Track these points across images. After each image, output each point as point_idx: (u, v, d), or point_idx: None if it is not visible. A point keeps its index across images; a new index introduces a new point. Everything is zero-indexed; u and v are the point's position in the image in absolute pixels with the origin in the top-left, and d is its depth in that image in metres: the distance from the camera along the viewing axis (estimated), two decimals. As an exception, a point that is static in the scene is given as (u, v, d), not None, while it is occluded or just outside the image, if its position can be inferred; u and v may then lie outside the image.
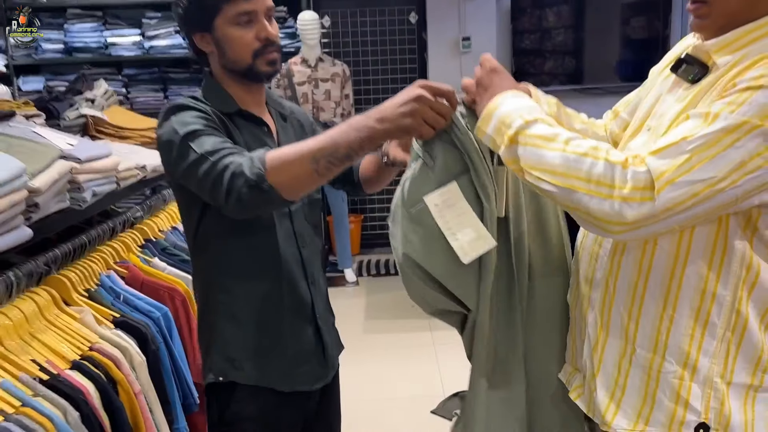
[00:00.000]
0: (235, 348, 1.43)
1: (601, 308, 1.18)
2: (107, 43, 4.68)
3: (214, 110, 1.36)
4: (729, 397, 1.10)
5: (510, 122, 1.08)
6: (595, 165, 1.00)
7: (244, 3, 1.33)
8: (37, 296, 1.46)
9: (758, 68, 0.99)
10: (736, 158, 0.96)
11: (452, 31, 5.19)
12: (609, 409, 1.17)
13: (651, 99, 1.22)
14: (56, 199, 1.56)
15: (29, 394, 1.21)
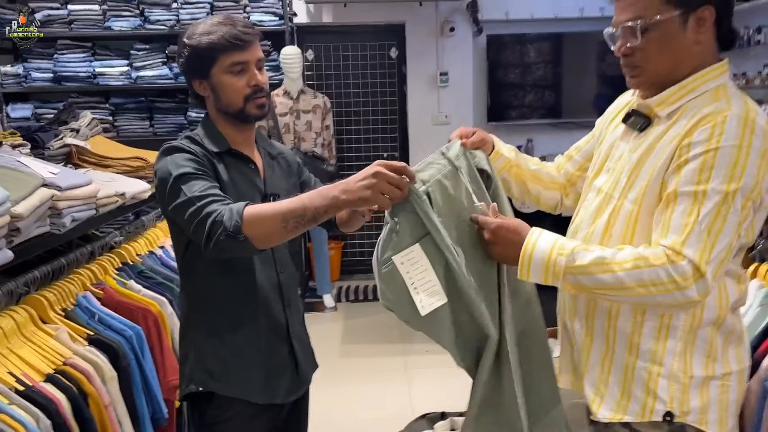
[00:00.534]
0: (213, 361, 1.55)
1: (585, 319, 1.40)
2: (95, 73, 4.80)
3: (204, 152, 1.51)
4: (689, 387, 1.31)
5: (554, 262, 1.26)
6: (644, 273, 1.20)
7: (237, 54, 1.50)
8: (15, 314, 1.57)
9: (703, 131, 1.21)
10: (735, 221, 1.21)
11: (430, 65, 5.39)
12: (594, 401, 1.38)
13: (606, 145, 1.43)
14: (37, 224, 1.67)
15: (5, 402, 1.32)
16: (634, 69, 1.32)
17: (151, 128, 4.91)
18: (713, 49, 1.30)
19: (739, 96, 1.26)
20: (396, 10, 5.23)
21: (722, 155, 1.18)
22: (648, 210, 1.28)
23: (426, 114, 5.44)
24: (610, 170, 1.38)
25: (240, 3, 4.75)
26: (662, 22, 1.25)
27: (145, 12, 4.74)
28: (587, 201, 1.44)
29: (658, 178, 1.26)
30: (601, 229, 1.35)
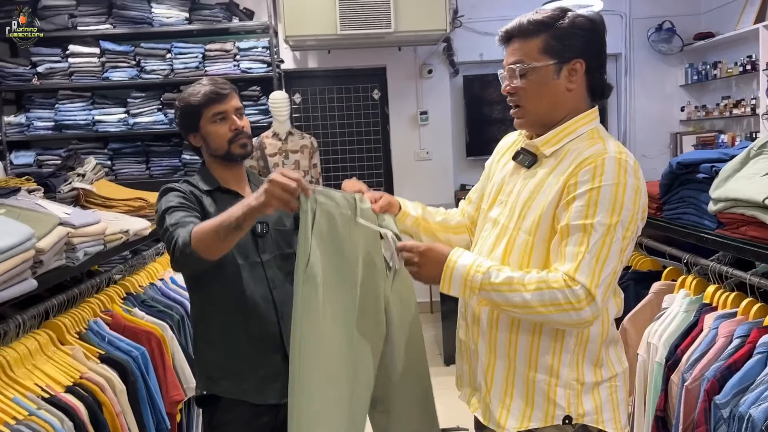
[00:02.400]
0: (212, 367, 1.83)
1: (488, 339, 1.54)
2: (95, 120, 5.05)
3: (194, 190, 1.82)
4: (582, 393, 1.49)
5: (471, 278, 1.43)
6: (545, 294, 1.37)
7: (217, 106, 1.84)
8: (38, 336, 1.81)
9: (586, 172, 1.40)
10: (618, 248, 1.39)
11: (411, 106, 5.71)
12: (502, 415, 1.52)
13: (497, 180, 1.64)
14: (55, 258, 1.92)
15: (34, 407, 1.55)
16: (516, 108, 1.52)
17: (147, 171, 5.16)
18: (585, 97, 1.51)
19: (611, 138, 1.50)
20: (377, 55, 5.57)
21: (604, 193, 1.37)
22: (542, 239, 1.45)
23: (408, 151, 5.74)
24: (504, 203, 1.56)
25: (230, 52, 5.06)
26: (539, 69, 1.46)
27: (141, 63, 5.03)
28: (485, 231, 1.61)
29: (549, 211, 1.44)
30: (499, 258, 1.50)
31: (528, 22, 1.48)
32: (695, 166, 2.06)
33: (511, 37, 1.51)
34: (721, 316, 1.80)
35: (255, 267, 1.85)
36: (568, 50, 1.45)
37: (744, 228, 1.79)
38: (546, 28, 1.46)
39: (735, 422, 1.51)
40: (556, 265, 1.40)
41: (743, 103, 5.21)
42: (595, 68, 1.49)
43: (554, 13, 1.48)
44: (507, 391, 1.52)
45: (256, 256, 1.86)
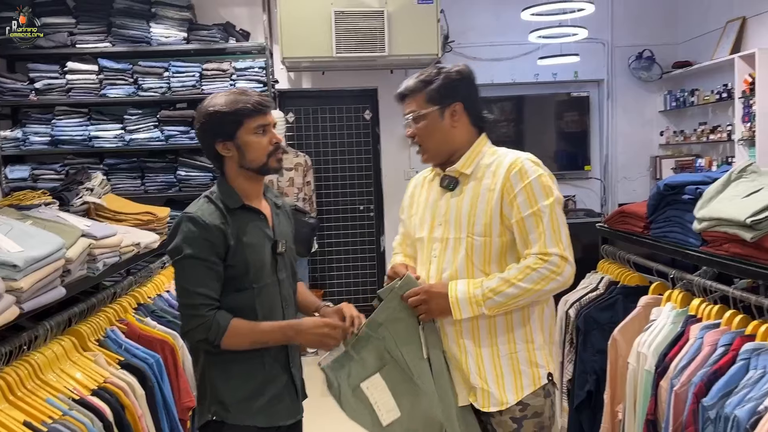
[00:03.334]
0: (226, 394, 1.78)
1: (472, 337, 1.84)
2: (91, 136, 5.11)
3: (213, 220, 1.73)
4: (551, 351, 1.89)
5: (473, 295, 1.76)
6: (533, 276, 1.74)
7: (260, 118, 1.79)
8: (63, 342, 1.90)
9: (515, 174, 1.78)
10: (562, 219, 1.80)
11: (401, 126, 5.84)
12: (501, 393, 1.81)
13: (425, 210, 1.95)
14: (79, 268, 2.01)
15: (66, 407, 1.63)
16: (419, 147, 1.90)
17: (142, 186, 5.22)
18: (471, 129, 1.90)
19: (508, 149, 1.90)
20: (369, 77, 5.73)
21: (534, 185, 1.78)
22: (496, 235, 1.80)
23: (398, 170, 5.89)
24: (444, 222, 1.88)
25: (227, 72, 5.18)
26: (427, 114, 1.84)
27: (139, 80, 5.11)
28: (434, 251, 1.90)
29: (496, 212, 1.80)
30: (463, 262, 1.83)
31: (414, 83, 1.88)
32: (681, 187, 2.21)
33: (405, 96, 1.90)
34: (706, 327, 1.94)
35: (273, 287, 1.84)
36: (445, 98, 1.85)
37: (727, 245, 1.94)
38: (427, 84, 1.86)
39: (721, 422, 1.64)
40: (527, 252, 1.77)
41: (719, 129, 5.44)
42: (470, 107, 1.89)
43: (431, 72, 1.88)
44: (497, 373, 1.83)
45: (275, 276, 1.84)
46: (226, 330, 1.69)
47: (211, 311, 1.70)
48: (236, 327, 1.71)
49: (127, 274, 2.83)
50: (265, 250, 1.84)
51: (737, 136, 5.02)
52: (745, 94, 4.88)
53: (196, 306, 1.70)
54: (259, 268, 1.81)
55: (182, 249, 1.72)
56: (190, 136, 5.12)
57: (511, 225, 1.80)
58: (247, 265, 1.77)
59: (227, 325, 1.70)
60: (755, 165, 2.11)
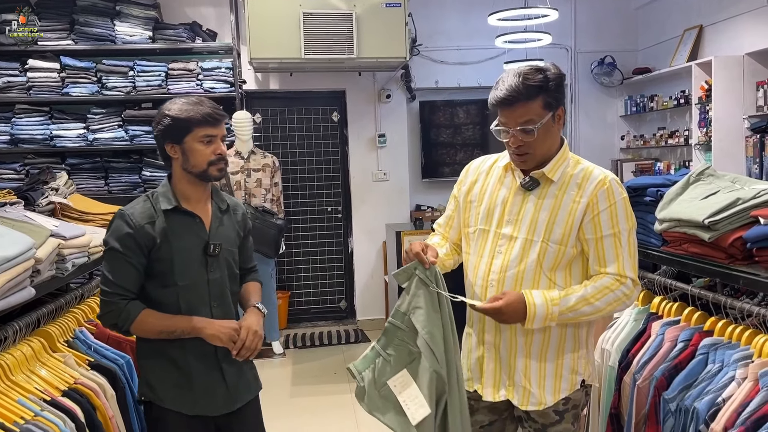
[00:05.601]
0: (152, 378, 1.93)
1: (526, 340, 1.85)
2: (52, 135, 5.02)
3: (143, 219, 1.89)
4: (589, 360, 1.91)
5: (551, 312, 1.75)
6: (609, 297, 1.76)
7: (209, 129, 1.92)
8: (32, 343, 1.87)
9: (602, 193, 1.79)
10: (636, 243, 1.83)
11: (369, 128, 5.90)
12: (540, 396, 1.85)
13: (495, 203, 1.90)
14: (48, 268, 1.99)
15: (38, 408, 1.61)
16: (525, 155, 1.82)
17: (106, 187, 5.14)
18: (560, 134, 1.88)
19: (588, 162, 1.88)
20: (337, 79, 5.75)
21: (618, 207, 1.79)
22: (571, 245, 1.79)
23: (366, 172, 5.92)
24: (514, 221, 1.85)
25: (193, 72, 5.13)
26: (544, 123, 1.77)
27: (103, 79, 5.03)
28: (500, 246, 1.86)
29: (576, 225, 1.79)
30: (532, 265, 1.81)
31: (526, 87, 1.75)
32: (643, 189, 2.29)
33: (514, 101, 1.76)
34: (667, 324, 2.02)
35: (200, 286, 1.94)
36: (557, 102, 1.80)
37: (686, 245, 2.03)
38: (542, 89, 1.76)
39: (681, 414, 1.71)
40: (601, 269, 1.80)
41: (677, 134, 5.62)
42: (565, 110, 1.81)
43: (534, 73, 1.77)
44: (541, 375, 1.86)
45: (204, 275, 1.94)
46: (135, 318, 1.86)
47: (123, 300, 1.87)
48: (145, 317, 1.87)
49: (90, 276, 2.79)
50: (194, 250, 1.94)
51: (694, 140, 5.19)
52: (701, 101, 5.05)
53: (111, 294, 1.87)
54: (185, 267, 1.92)
55: (108, 242, 1.90)
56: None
57: (586, 240, 1.80)
58: (171, 263, 1.90)
59: (137, 314, 1.86)
60: (712, 169, 2.20)
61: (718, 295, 1.91)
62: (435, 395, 1.74)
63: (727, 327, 1.82)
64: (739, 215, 1.86)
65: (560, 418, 1.87)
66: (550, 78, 1.77)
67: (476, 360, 1.94)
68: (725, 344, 1.78)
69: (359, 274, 5.94)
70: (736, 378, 1.66)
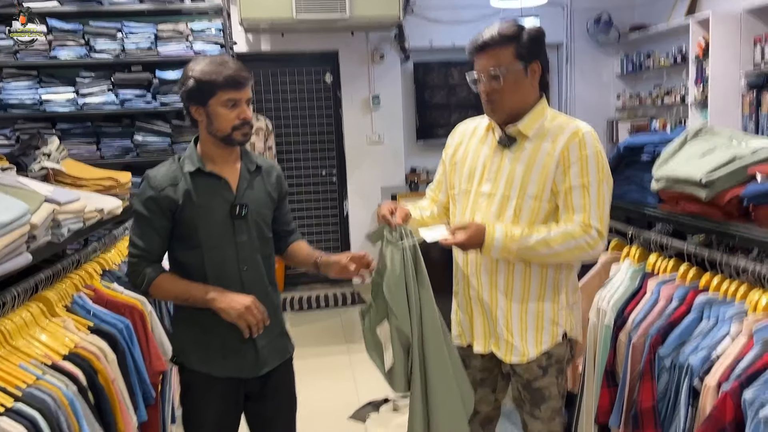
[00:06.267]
0: (183, 339, 2.00)
1: (505, 291, 1.94)
2: (41, 100, 4.95)
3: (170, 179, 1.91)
4: (569, 312, 1.98)
5: (508, 248, 1.82)
6: (571, 243, 1.80)
7: (232, 92, 1.86)
8: (31, 308, 1.87)
9: (574, 145, 1.83)
10: (608, 198, 1.87)
11: (363, 90, 5.84)
12: (523, 348, 1.93)
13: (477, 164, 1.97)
14: (44, 234, 1.97)
15: (40, 372, 1.62)
16: (494, 104, 1.87)
17: (98, 152, 5.08)
18: (538, 90, 1.92)
19: (568, 116, 1.92)
20: (330, 40, 5.66)
21: (590, 158, 1.82)
22: (546, 200, 1.86)
23: (360, 134, 5.88)
24: (493, 179, 1.91)
25: (183, 33, 5.03)
26: (514, 70, 1.83)
27: (91, 42, 4.92)
28: (479, 204, 1.94)
29: (550, 179, 1.84)
30: (509, 221, 1.87)
31: (501, 36, 1.83)
32: (640, 148, 2.29)
33: (485, 48, 1.85)
34: (662, 282, 2.04)
35: (226, 249, 1.93)
36: (531, 55, 1.85)
37: (683, 203, 2.03)
38: (514, 39, 1.83)
39: (676, 370, 1.74)
40: (569, 217, 1.83)
41: (674, 92, 5.59)
42: (544, 67, 1.92)
43: (511, 27, 1.85)
44: (523, 327, 1.94)
45: (231, 238, 1.93)
46: (152, 282, 1.91)
47: (143, 262, 1.92)
48: (161, 281, 1.92)
49: (85, 242, 2.79)
50: (218, 212, 1.93)
51: (690, 98, 5.16)
52: (698, 58, 5.00)
53: (134, 255, 1.93)
54: (210, 229, 1.91)
55: (134, 204, 1.95)
56: (146, 100, 5.00)
57: (558, 192, 1.84)
58: (195, 225, 1.91)
59: (154, 278, 1.91)
60: (710, 126, 2.19)
61: (714, 252, 1.92)
62: (401, 350, 1.85)
63: (722, 283, 1.83)
64: (736, 172, 1.86)
65: (544, 372, 1.95)
66: (526, 30, 1.85)
67: (465, 316, 2.03)
68: (720, 301, 1.80)
69: (355, 237, 5.96)
70: (730, 334, 1.68)
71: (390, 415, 3.50)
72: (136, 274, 1.92)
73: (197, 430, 2.00)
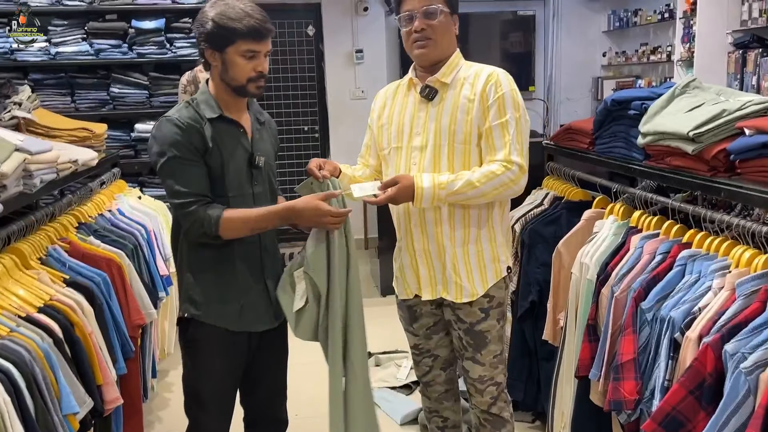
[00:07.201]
0: (197, 293, 1.85)
1: (450, 238, 2.00)
2: (12, 49, 4.77)
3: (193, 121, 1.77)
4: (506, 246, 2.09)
5: (437, 195, 1.87)
6: (494, 182, 1.88)
7: (253, 44, 1.75)
8: (3, 260, 1.82)
9: (491, 86, 1.93)
10: (527, 130, 1.97)
11: (346, 43, 5.71)
12: (471, 288, 2.01)
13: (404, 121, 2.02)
14: (15, 184, 1.91)
15: (14, 324, 1.59)
16: (427, 41, 1.93)
17: (72, 104, 4.95)
18: (455, 42, 2.02)
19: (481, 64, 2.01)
20: (312, -10, 5.51)
21: (506, 97, 1.92)
22: (475, 144, 1.94)
23: (344, 89, 5.77)
24: (422, 132, 1.98)
25: (161, -17, 4.86)
26: (445, 14, 1.93)
27: (63, -12, 4.76)
28: (413, 158, 1.99)
29: (474, 123, 1.93)
30: (445, 169, 1.94)
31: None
32: (627, 103, 2.25)
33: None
34: (646, 237, 2.03)
35: (246, 199, 1.86)
36: (454, 7, 1.98)
37: (669, 159, 2.01)
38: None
39: (657, 323, 1.74)
40: (491, 157, 1.91)
41: (660, 50, 5.54)
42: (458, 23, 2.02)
43: None
44: (468, 269, 2.02)
45: (249, 188, 1.86)
46: (219, 221, 1.74)
47: (201, 207, 1.76)
48: (229, 218, 1.76)
49: (61, 195, 2.72)
50: (240, 161, 1.86)
51: (677, 57, 5.12)
52: (686, 14, 4.94)
53: (186, 204, 1.75)
54: (235, 177, 1.83)
55: (165, 152, 1.76)
56: (122, 51, 4.85)
57: (480, 134, 1.93)
58: (223, 169, 1.81)
59: (219, 216, 1.75)
60: (698, 81, 2.16)
61: (698, 207, 1.91)
62: (311, 296, 1.86)
63: (705, 239, 1.83)
64: (724, 127, 1.84)
65: (485, 315, 2.03)
66: None
67: (411, 270, 2.08)
68: (703, 255, 1.80)
69: (337, 193, 5.91)
70: (712, 288, 1.68)
71: (372, 369, 3.53)
72: (199, 222, 1.74)
73: (205, 385, 1.90)
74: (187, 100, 1.84)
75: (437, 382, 2.24)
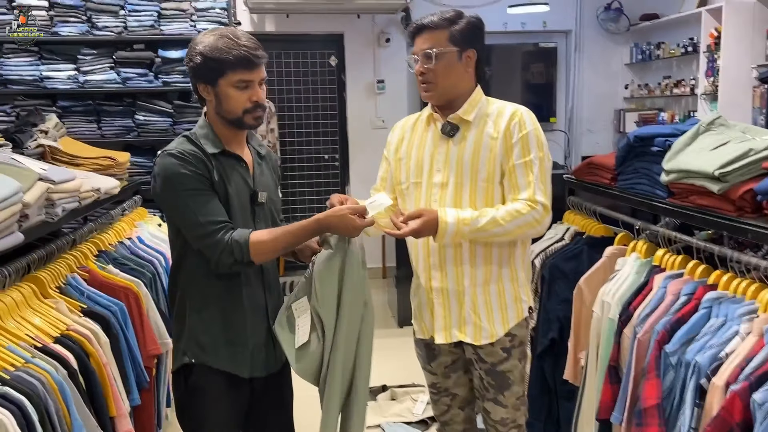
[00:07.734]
0: (206, 337, 1.75)
1: (471, 277, 1.98)
2: (42, 77, 4.88)
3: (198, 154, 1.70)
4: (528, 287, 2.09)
5: (461, 231, 1.86)
6: (519, 221, 1.87)
7: (244, 73, 1.68)
8: (22, 289, 1.83)
9: (515, 125, 1.92)
10: (549, 171, 1.96)
11: (368, 74, 5.76)
12: (491, 329, 1.99)
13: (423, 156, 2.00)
14: (37, 213, 1.93)
15: (29, 355, 1.58)
16: (428, 85, 1.92)
17: (99, 131, 5.03)
18: (474, 79, 1.99)
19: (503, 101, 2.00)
20: (335, 21, 5.58)
21: (531, 136, 1.91)
22: (498, 182, 1.94)
23: (364, 119, 5.81)
24: (443, 169, 1.96)
25: (186, 12, 4.96)
26: (447, 54, 1.89)
27: (93, 18, 4.86)
28: (433, 194, 1.97)
29: (498, 161, 1.92)
30: (466, 207, 1.93)
31: (438, 20, 1.91)
32: (650, 139, 2.22)
33: (423, 30, 1.92)
34: (670, 276, 1.98)
35: None
36: (466, 42, 1.92)
37: (693, 197, 1.97)
38: (451, 24, 1.91)
39: (682, 368, 1.69)
40: (515, 195, 1.91)
41: (683, 83, 5.50)
42: (480, 57, 1.98)
43: (451, 13, 1.93)
44: (489, 309, 2.00)
45: (252, 226, 1.78)
46: (248, 246, 1.67)
47: (226, 234, 1.67)
48: (259, 240, 1.69)
49: (84, 221, 2.74)
50: (243, 197, 1.79)
51: (700, 90, 5.08)
52: (710, 49, 4.92)
53: (210, 234, 1.67)
54: (238, 214, 1.76)
55: (175, 186, 1.69)
56: (148, 79, 4.94)
57: (503, 172, 1.93)
58: (228, 205, 1.73)
59: (247, 240, 1.67)
60: (723, 118, 2.13)
61: (724, 248, 1.87)
62: (318, 330, 1.75)
63: (731, 281, 1.78)
64: (751, 166, 1.80)
65: (508, 355, 2.01)
66: (464, 17, 1.93)
67: (427, 310, 2.05)
68: (729, 298, 1.74)
69: (356, 222, 5.91)
70: (740, 333, 1.63)
71: (388, 403, 3.47)
72: (228, 249, 1.65)
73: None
74: (186, 134, 1.77)
75: (456, 421, 2.19)
